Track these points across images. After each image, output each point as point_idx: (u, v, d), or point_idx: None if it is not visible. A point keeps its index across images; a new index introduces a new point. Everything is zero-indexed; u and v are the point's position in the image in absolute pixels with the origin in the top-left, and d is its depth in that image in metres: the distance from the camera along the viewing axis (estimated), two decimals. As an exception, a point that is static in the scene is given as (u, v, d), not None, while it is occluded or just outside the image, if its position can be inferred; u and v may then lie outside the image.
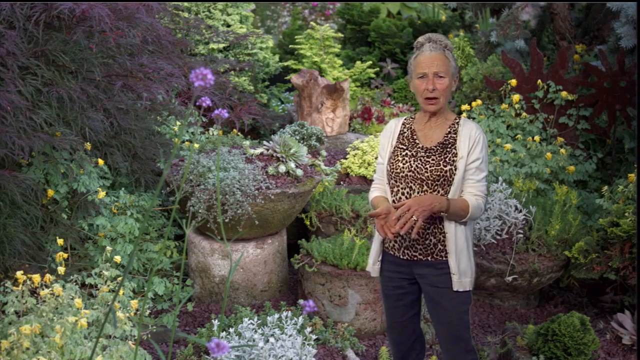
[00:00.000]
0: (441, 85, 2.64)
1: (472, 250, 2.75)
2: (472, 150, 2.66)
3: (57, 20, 3.35)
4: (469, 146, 2.66)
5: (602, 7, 5.62)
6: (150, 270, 4.00)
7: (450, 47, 2.71)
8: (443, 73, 2.63)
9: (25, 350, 2.50)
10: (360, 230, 4.35)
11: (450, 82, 2.67)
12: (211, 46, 5.90)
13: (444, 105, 2.70)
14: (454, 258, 2.67)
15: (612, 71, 4.86)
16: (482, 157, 2.68)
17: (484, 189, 2.68)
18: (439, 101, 2.67)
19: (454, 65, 2.69)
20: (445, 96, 2.68)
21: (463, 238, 2.68)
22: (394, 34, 7.37)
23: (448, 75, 2.65)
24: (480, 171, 2.67)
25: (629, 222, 3.75)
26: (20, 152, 3.05)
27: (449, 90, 2.67)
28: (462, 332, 2.75)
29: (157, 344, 3.55)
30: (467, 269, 2.69)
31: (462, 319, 2.74)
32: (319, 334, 3.58)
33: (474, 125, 2.71)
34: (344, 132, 5.80)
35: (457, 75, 2.72)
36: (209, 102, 1.48)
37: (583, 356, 3.39)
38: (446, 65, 2.64)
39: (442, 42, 2.68)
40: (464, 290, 2.70)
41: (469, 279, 2.70)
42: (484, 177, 2.68)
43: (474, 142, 2.67)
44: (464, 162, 2.65)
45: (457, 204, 2.61)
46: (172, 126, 4.79)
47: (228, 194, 3.77)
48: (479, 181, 2.66)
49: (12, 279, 3.11)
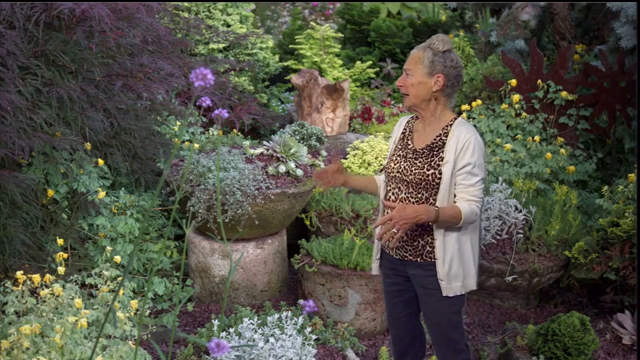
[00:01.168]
0: (406, 82, 2.69)
1: (470, 253, 2.73)
2: (461, 155, 2.63)
3: (57, 20, 3.35)
4: (456, 151, 2.64)
5: (602, 7, 5.61)
6: (150, 270, 4.00)
7: (434, 47, 2.67)
8: (411, 70, 2.68)
9: (25, 350, 2.50)
10: (360, 230, 4.35)
11: (422, 79, 2.65)
12: (211, 46, 5.90)
13: (414, 102, 2.70)
14: (441, 263, 2.67)
15: (612, 71, 4.86)
16: (474, 161, 2.63)
17: (478, 193, 2.64)
18: (408, 97, 2.70)
19: (436, 63, 2.64)
20: (415, 93, 2.68)
21: (454, 243, 2.68)
22: (394, 34, 7.37)
23: (417, 73, 2.65)
24: (473, 175, 2.63)
25: (629, 222, 3.75)
26: (20, 152, 3.05)
27: (418, 87, 2.66)
28: (451, 333, 2.77)
29: (157, 344, 3.55)
30: (458, 274, 2.69)
31: (451, 320, 2.76)
32: (319, 334, 3.58)
33: (465, 129, 2.68)
34: (344, 132, 5.80)
35: (441, 73, 2.65)
36: (209, 102, 1.48)
37: (583, 356, 3.39)
38: (416, 63, 2.66)
39: (429, 41, 2.69)
40: (453, 294, 2.70)
41: (460, 283, 2.69)
42: (478, 181, 2.64)
43: (463, 147, 2.63)
44: (450, 167, 2.63)
45: (447, 212, 2.60)
46: (172, 126, 4.79)
47: (228, 194, 3.77)
48: (472, 185, 2.63)
49: (12, 279, 3.11)
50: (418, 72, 2.67)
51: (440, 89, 2.68)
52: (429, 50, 2.67)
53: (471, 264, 2.73)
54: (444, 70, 2.66)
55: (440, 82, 2.67)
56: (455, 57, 2.71)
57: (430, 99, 2.69)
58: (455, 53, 2.73)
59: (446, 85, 2.68)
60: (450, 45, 2.71)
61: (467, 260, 2.72)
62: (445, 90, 2.69)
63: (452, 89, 2.72)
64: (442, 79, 2.67)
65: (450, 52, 2.69)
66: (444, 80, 2.67)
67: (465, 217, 2.61)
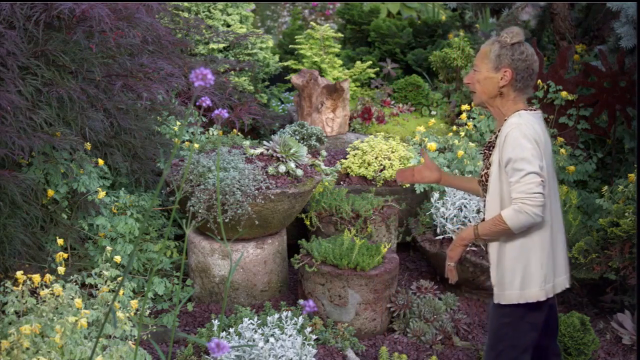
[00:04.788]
0: (473, 78, 2.60)
1: (534, 260, 2.51)
2: (503, 152, 2.48)
3: (57, 20, 3.35)
4: (500, 146, 2.50)
5: (602, 7, 5.62)
6: (150, 270, 4.00)
7: (502, 39, 2.54)
8: (477, 66, 2.58)
9: (25, 350, 2.50)
10: (360, 230, 4.35)
11: (488, 75, 2.54)
12: (211, 46, 5.90)
13: (482, 99, 2.60)
14: (494, 269, 2.58)
15: (612, 71, 4.85)
16: (515, 155, 2.43)
17: (524, 188, 2.40)
18: (476, 94, 2.61)
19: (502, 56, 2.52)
20: (482, 90, 2.57)
21: (512, 248, 2.52)
22: (394, 34, 7.37)
23: (483, 68, 2.56)
24: (516, 171, 2.42)
25: (629, 222, 3.75)
26: (20, 152, 3.05)
27: (484, 83, 2.56)
28: (495, 343, 2.62)
29: (157, 344, 3.55)
30: (513, 281, 2.51)
31: (500, 331, 2.60)
32: (319, 334, 3.58)
33: (509, 122, 2.51)
34: (344, 132, 5.80)
35: (508, 67, 2.52)
36: (209, 102, 1.48)
37: (583, 356, 3.39)
38: (483, 58, 2.56)
39: (499, 35, 2.58)
40: (506, 303, 2.54)
41: (516, 292, 2.50)
42: (523, 176, 2.41)
43: (503, 142, 2.48)
44: (496, 166, 2.52)
45: (486, 224, 2.51)
46: (172, 126, 4.79)
47: (228, 194, 3.77)
48: (517, 182, 2.42)
49: (12, 279, 3.11)
50: (484, 67, 2.55)
51: (508, 84, 2.53)
52: (496, 44, 2.54)
53: (535, 271, 2.51)
54: (512, 64, 2.51)
55: (508, 77, 2.52)
56: (526, 49, 2.53)
57: (497, 94, 2.56)
58: (527, 45, 2.56)
59: (515, 79, 2.52)
60: (522, 37, 2.55)
61: (527, 267, 2.51)
62: (514, 84, 2.53)
63: (523, 83, 2.54)
64: (509, 73, 2.51)
65: (520, 44, 2.53)
66: (511, 75, 2.51)
67: (508, 220, 2.43)
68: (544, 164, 2.47)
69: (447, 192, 4.32)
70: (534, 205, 2.39)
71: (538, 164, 2.43)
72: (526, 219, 2.41)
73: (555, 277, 2.58)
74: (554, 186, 2.63)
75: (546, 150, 2.53)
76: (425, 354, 3.65)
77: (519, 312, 2.54)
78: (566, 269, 2.67)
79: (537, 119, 2.56)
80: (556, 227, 2.60)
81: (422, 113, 6.29)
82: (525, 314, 2.55)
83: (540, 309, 2.57)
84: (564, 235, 2.69)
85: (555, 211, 2.61)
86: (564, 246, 2.67)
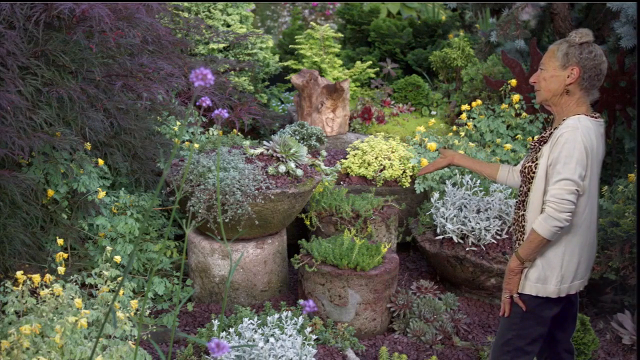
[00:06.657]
0: (539, 76, 2.62)
1: (557, 259, 2.59)
2: (552, 150, 2.52)
3: (57, 20, 3.35)
4: (550, 145, 2.54)
5: (602, 7, 5.61)
6: (150, 270, 4.00)
7: (570, 39, 2.56)
8: (544, 65, 2.60)
9: (25, 350, 2.50)
10: (360, 230, 4.35)
11: (555, 72, 2.56)
12: (211, 46, 5.90)
13: (545, 96, 2.61)
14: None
15: (612, 71, 4.86)
16: (561, 157, 2.48)
17: (557, 192, 2.47)
18: (540, 92, 2.63)
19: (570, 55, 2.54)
20: (547, 87, 2.59)
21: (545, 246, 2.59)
22: (394, 34, 7.37)
23: (550, 67, 2.58)
24: (556, 173, 2.48)
25: (629, 222, 3.75)
26: (20, 152, 3.05)
27: (550, 80, 2.57)
28: (504, 331, 2.71)
29: (157, 344, 3.55)
30: (533, 273, 2.60)
31: (511, 319, 2.68)
32: (319, 334, 3.58)
33: (566, 123, 2.54)
34: (344, 132, 5.80)
35: (576, 65, 2.53)
36: (209, 102, 1.48)
37: (583, 356, 3.39)
38: (550, 57, 2.59)
39: (567, 36, 2.61)
40: (526, 292, 2.62)
41: (539, 285, 2.60)
42: (559, 180, 2.47)
43: (555, 141, 2.51)
44: (545, 160, 2.55)
45: (525, 245, 2.56)
46: (172, 126, 4.79)
47: (228, 194, 3.77)
48: (553, 184, 2.48)
49: (12, 279, 3.11)
50: (551, 65, 2.57)
51: (575, 82, 2.54)
52: (564, 43, 2.57)
53: (556, 270, 2.60)
54: (580, 62, 2.53)
55: (575, 74, 2.53)
56: (594, 49, 2.55)
57: (562, 92, 2.57)
58: (596, 46, 2.58)
59: (582, 77, 2.53)
60: (591, 37, 2.57)
61: (551, 265, 2.60)
62: (581, 83, 2.55)
63: (590, 83, 2.56)
64: (577, 71, 2.53)
65: (589, 44, 2.55)
66: (579, 73, 2.53)
67: (541, 231, 2.51)
68: (588, 172, 2.52)
69: (447, 192, 4.32)
70: (560, 210, 2.47)
71: (579, 172, 2.48)
72: (555, 224, 2.48)
73: (573, 280, 2.65)
74: (595, 193, 2.64)
75: (595, 159, 2.57)
76: (425, 354, 3.65)
77: (533, 304, 2.63)
78: (587, 273, 2.73)
79: (596, 127, 2.58)
80: (586, 234, 2.64)
81: (422, 113, 6.29)
82: (537, 306, 2.64)
83: (552, 306, 2.66)
84: (594, 243, 2.72)
85: (591, 219, 2.65)
86: (591, 254, 2.72)
